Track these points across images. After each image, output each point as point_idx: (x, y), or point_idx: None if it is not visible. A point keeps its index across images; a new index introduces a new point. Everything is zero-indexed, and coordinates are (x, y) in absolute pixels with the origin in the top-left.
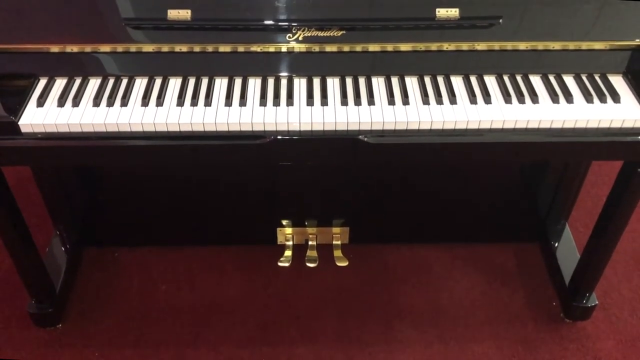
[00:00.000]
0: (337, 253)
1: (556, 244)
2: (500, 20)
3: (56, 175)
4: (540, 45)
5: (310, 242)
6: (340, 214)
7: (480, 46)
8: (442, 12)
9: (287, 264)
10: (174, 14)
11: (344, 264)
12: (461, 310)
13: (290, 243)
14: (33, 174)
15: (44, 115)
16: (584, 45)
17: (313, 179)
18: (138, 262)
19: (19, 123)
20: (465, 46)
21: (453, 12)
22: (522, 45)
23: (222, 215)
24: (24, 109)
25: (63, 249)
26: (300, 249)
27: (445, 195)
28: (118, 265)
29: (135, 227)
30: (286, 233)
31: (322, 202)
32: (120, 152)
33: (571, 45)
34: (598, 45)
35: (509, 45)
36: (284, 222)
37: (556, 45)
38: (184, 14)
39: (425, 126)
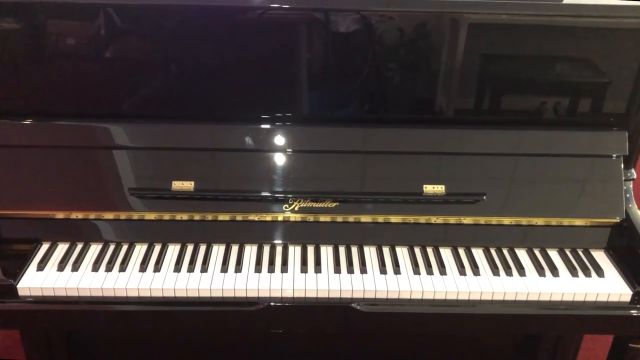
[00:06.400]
0: None
1: None
2: (484, 197)
3: (45, 339)
4: (524, 221)
5: None
6: None
7: (467, 220)
8: (429, 188)
9: None
10: (178, 185)
11: None
12: None
13: None
14: (21, 338)
15: (42, 279)
16: (566, 222)
17: (305, 348)
18: None
19: (18, 286)
20: (452, 220)
21: (439, 189)
22: (507, 220)
23: None
24: (24, 272)
25: None
26: None
27: None
28: None
29: None
30: None
31: None
32: (114, 317)
33: (553, 222)
34: (579, 222)
35: (494, 220)
36: None
37: (539, 221)
38: (188, 185)
39: (417, 296)
